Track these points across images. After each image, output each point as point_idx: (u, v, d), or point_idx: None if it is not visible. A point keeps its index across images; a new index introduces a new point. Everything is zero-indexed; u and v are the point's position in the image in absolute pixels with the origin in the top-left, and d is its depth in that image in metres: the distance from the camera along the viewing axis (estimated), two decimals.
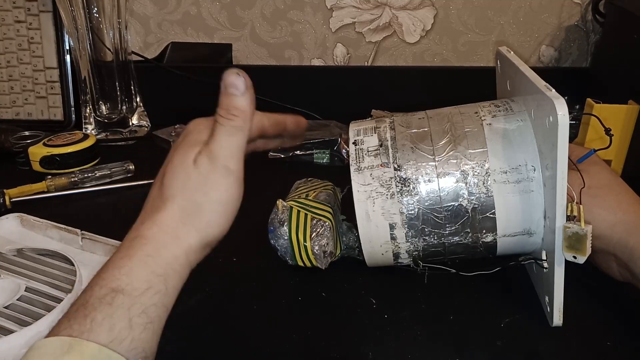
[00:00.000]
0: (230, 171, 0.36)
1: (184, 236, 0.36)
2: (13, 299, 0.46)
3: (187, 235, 0.36)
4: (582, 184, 0.42)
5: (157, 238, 0.35)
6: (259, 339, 0.44)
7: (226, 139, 0.36)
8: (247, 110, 0.37)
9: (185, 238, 0.36)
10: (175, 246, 0.35)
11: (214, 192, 0.36)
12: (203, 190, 0.36)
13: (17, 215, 0.58)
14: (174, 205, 0.36)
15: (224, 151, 0.36)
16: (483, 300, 0.48)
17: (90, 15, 0.78)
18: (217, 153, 0.36)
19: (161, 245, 0.35)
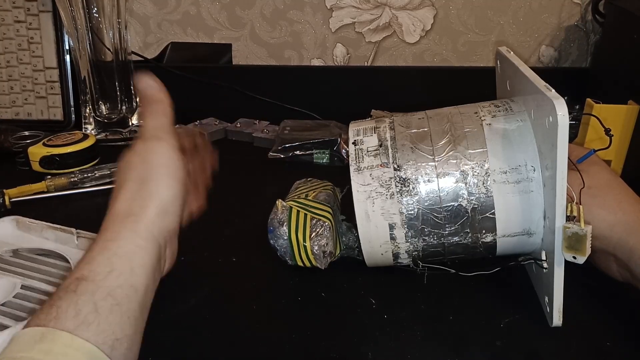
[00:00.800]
0: (161, 138, 0.39)
1: (137, 210, 0.37)
2: (9, 296, 0.46)
3: (140, 208, 0.37)
4: (581, 184, 0.42)
5: (114, 222, 0.37)
6: (259, 339, 0.44)
7: (150, 120, 0.41)
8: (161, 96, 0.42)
9: (140, 211, 0.37)
10: (132, 222, 0.36)
11: (152, 158, 0.39)
12: (143, 163, 0.39)
13: (12, 218, 0.58)
14: (123, 190, 0.38)
15: (151, 129, 0.40)
16: (483, 300, 0.48)
17: (90, 15, 0.78)
18: (145, 133, 0.40)
19: (118, 227, 0.36)
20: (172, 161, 0.39)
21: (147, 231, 0.36)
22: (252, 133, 0.85)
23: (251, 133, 0.85)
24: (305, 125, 0.84)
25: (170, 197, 0.38)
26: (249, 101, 0.92)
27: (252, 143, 0.85)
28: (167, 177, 0.38)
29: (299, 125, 0.84)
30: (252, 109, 0.91)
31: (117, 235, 0.36)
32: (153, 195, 0.37)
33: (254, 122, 0.89)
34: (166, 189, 0.38)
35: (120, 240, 0.35)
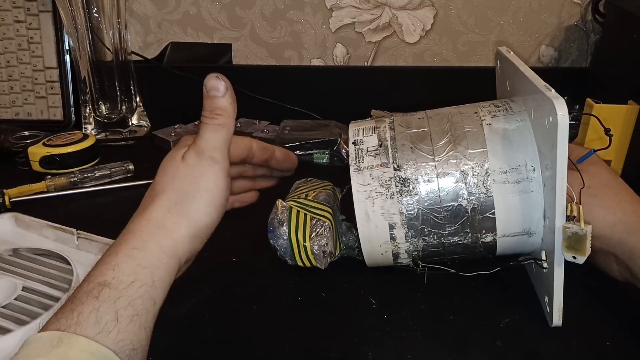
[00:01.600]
0: (216, 161, 0.38)
1: (171, 225, 0.36)
2: (10, 298, 0.46)
3: (174, 224, 0.36)
4: (581, 184, 0.42)
5: (143, 230, 0.36)
6: (259, 339, 0.44)
7: (211, 135, 0.38)
8: (228, 108, 0.39)
9: (172, 227, 0.36)
10: (162, 236, 0.36)
11: (201, 180, 0.37)
12: (190, 180, 0.37)
13: (11, 215, 0.58)
14: (162, 198, 0.37)
15: (209, 145, 0.38)
16: (483, 300, 0.48)
17: (90, 15, 0.78)
18: (203, 147, 0.38)
19: (147, 237, 0.36)
20: (219, 189, 0.38)
21: (174, 249, 0.36)
22: (252, 133, 0.85)
23: (251, 133, 0.85)
24: (305, 125, 0.84)
25: (206, 224, 0.38)
26: (249, 101, 0.92)
27: None
28: (209, 205, 0.37)
29: (299, 125, 0.84)
30: (252, 109, 0.91)
31: (144, 245, 0.35)
32: (190, 217, 0.37)
33: (254, 122, 0.89)
34: (204, 216, 0.37)
35: (147, 252, 0.35)
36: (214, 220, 0.38)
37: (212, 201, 0.38)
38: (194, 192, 0.37)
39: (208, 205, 0.37)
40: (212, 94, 0.39)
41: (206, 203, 0.37)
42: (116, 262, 0.34)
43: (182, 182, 0.37)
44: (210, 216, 0.38)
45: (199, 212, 0.37)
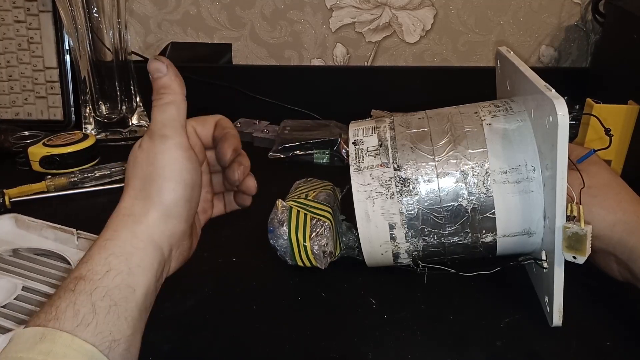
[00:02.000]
0: (168, 137, 0.37)
1: (139, 211, 0.36)
2: (10, 298, 0.46)
3: (141, 209, 0.36)
4: (582, 184, 0.42)
5: (114, 221, 0.36)
6: (259, 339, 0.44)
7: (159, 114, 0.38)
8: (172, 85, 0.39)
9: (141, 212, 0.36)
10: (132, 223, 0.36)
11: (156, 160, 0.37)
12: (147, 162, 0.37)
13: (11, 215, 0.58)
14: (128, 188, 0.37)
15: (158, 124, 0.38)
16: (483, 300, 0.48)
17: (90, 15, 0.78)
18: (153, 128, 0.38)
19: (118, 226, 0.36)
20: (177, 162, 0.37)
21: (146, 234, 0.36)
22: (252, 133, 0.85)
23: (251, 133, 0.85)
24: (305, 125, 0.84)
25: (174, 201, 0.37)
26: (249, 101, 0.92)
27: (252, 143, 0.85)
28: (171, 181, 0.37)
29: (299, 125, 0.84)
30: (252, 109, 0.91)
31: (116, 235, 0.35)
32: (154, 199, 0.37)
33: (254, 122, 0.89)
34: (169, 193, 0.37)
35: (119, 240, 0.35)
36: (181, 196, 0.37)
37: (172, 177, 0.37)
38: (152, 174, 0.37)
39: (169, 182, 0.37)
40: (155, 76, 0.39)
41: (167, 180, 0.37)
42: (90, 255, 0.34)
43: (141, 167, 0.37)
44: (175, 192, 0.37)
45: (161, 190, 0.37)
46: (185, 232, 0.39)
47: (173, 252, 0.39)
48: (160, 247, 0.37)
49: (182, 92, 0.39)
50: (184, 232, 0.39)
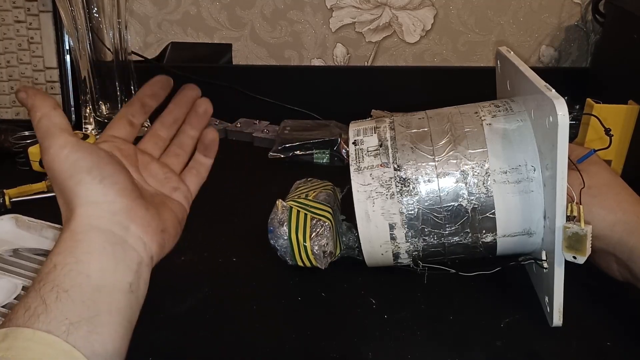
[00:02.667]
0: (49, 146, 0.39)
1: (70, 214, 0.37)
2: (10, 298, 0.46)
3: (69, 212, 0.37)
4: (582, 184, 0.42)
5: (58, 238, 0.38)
6: (259, 339, 0.44)
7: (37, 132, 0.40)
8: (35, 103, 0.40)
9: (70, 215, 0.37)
10: (68, 226, 0.37)
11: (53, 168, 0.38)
12: (51, 177, 0.39)
13: (11, 216, 0.58)
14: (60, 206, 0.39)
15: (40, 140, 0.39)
16: (483, 300, 0.48)
17: (90, 15, 0.78)
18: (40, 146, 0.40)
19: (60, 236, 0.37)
20: (67, 159, 0.38)
21: (83, 225, 0.36)
22: (252, 133, 0.85)
23: (251, 133, 0.85)
24: (305, 125, 0.84)
25: (86, 189, 0.37)
26: (249, 101, 0.92)
27: (252, 143, 0.85)
28: (72, 177, 0.37)
29: (299, 125, 0.84)
30: (252, 109, 0.91)
31: (58, 241, 0.36)
32: (72, 200, 0.37)
33: (254, 122, 0.89)
34: (77, 186, 0.37)
35: (60, 242, 0.36)
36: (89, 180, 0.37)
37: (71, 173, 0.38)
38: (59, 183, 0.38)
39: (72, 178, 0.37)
40: (23, 103, 0.40)
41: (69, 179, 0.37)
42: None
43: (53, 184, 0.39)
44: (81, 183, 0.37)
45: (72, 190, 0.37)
46: (129, 205, 0.38)
47: (132, 228, 0.38)
48: (105, 229, 0.37)
49: (48, 104, 0.40)
50: (129, 206, 0.38)
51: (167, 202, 0.43)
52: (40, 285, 0.33)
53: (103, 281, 0.35)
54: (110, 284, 0.35)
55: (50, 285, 0.33)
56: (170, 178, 0.46)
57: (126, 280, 0.36)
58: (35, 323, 0.31)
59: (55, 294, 0.33)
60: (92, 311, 0.33)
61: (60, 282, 0.33)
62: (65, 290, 0.33)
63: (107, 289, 0.35)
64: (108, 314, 0.34)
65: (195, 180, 0.47)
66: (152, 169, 0.45)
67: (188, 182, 0.47)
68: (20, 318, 0.32)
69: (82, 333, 0.32)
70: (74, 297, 0.33)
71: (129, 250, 0.37)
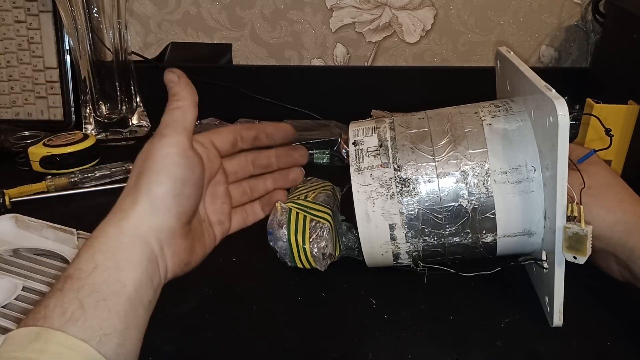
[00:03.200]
0: (164, 135, 0.39)
1: (128, 205, 0.37)
2: (10, 298, 0.46)
3: (130, 203, 0.37)
4: (582, 184, 0.42)
5: (104, 219, 0.37)
6: (259, 339, 0.44)
7: (165, 117, 0.40)
8: (181, 93, 0.41)
9: (129, 207, 0.37)
10: (119, 218, 0.36)
11: (151, 154, 0.38)
12: (144, 159, 0.38)
13: (12, 216, 0.58)
14: (126, 187, 0.38)
15: (162, 125, 0.39)
16: (483, 301, 0.48)
17: (90, 15, 0.78)
18: (158, 129, 0.39)
19: (106, 223, 0.36)
20: (169, 157, 0.38)
21: (132, 228, 0.36)
22: None
23: None
24: (305, 125, 0.84)
25: (160, 193, 0.37)
26: (249, 101, 0.92)
27: None
28: (160, 174, 0.37)
29: (299, 125, 0.84)
30: (252, 109, 0.91)
31: (102, 233, 0.36)
32: (142, 191, 0.37)
33: (254, 122, 0.89)
34: (156, 185, 0.37)
35: (105, 237, 0.35)
36: (169, 189, 0.37)
37: (162, 170, 0.37)
38: (144, 168, 0.38)
39: (158, 174, 0.37)
40: (169, 86, 0.41)
41: (155, 173, 0.37)
42: (78, 254, 0.35)
43: (138, 164, 0.38)
44: (162, 185, 0.37)
45: (149, 183, 0.37)
46: (175, 229, 0.38)
47: (165, 249, 0.38)
48: (147, 242, 0.37)
49: (191, 99, 0.41)
50: (175, 230, 0.38)
51: (205, 233, 0.43)
52: (79, 286, 0.33)
53: (135, 294, 0.35)
54: (138, 298, 0.35)
55: (90, 289, 0.33)
56: (224, 210, 0.46)
57: (148, 298, 0.36)
58: (72, 328, 0.31)
59: (94, 300, 0.32)
60: (123, 324, 0.33)
61: (99, 288, 0.33)
62: (104, 298, 0.33)
63: (136, 303, 0.35)
64: (134, 328, 0.34)
65: (240, 222, 0.48)
66: (217, 191, 0.45)
67: (234, 220, 0.47)
68: (56, 319, 0.31)
69: (112, 345, 0.32)
70: (111, 307, 0.33)
71: (156, 269, 0.37)
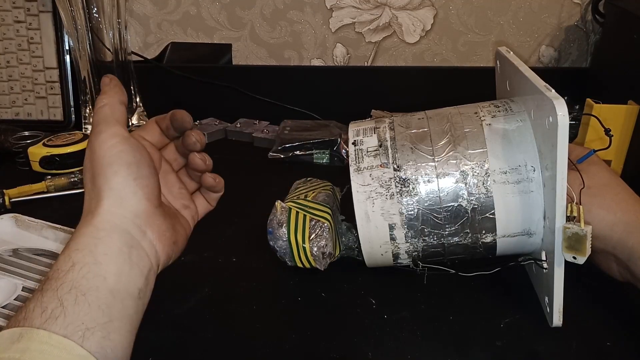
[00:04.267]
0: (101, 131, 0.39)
1: (95, 205, 0.38)
2: (10, 298, 0.46)
3: (96, 202, 0.37)
4: (581, 184, 0.42)
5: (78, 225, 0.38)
6: (259, 339, 0.44)
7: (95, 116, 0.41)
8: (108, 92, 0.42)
9: (96, 205, 0.37)
10: (91, 218, 0.37)
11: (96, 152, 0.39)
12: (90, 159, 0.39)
13: (11, 215, 0.58)
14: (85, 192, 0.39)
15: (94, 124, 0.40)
16: (483, 301, 0.48)
17: (90, 16, 0.78)
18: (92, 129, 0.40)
19: (80, 226, 0.37)
20: (114, 148, 0.38)
21: (106, 222, 0.37)
22: (252, 133, 0.85)
23: (251, 133, 0.85)
24: (305, 125, 0.84)
25: (120, 182, 0.38)
26: (249, 101, 0.92)
27: (252, 143, 0.85)
28: (111, 165, 0.38)
29: (299, 125, 0.84)
30: (252, 109, 0.91)
31: (77, 234, 0.36)
32: (103, 188, 0.37)
33: (254, 122, 0.89)
34: (113, 176, 0.38)
35: (80, 237, 0.36)
36: (126, 175, 0.38)
37: (112, 161, 0.38)
38: (95, 167, 0.38)
39: (110, 167, 0.38)
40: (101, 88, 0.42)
41: (107, 166, 0.38)
42: (57, 257, 0.35)
43: (87, 167, 0.39)
44: (118, 174, 0.38)
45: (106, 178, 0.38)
46: (150, 210, 0.39)
47: (148, 233, 0.38)
48: (125, 231, 0.37)
49: (117, 97, 0.41)
50: (150, 211, 0.39)
51: (178, 217, 0.44)
52: (58, 285, 0.33)
53: (117, 285, 0.35)
54: (123, 289, 0.35)
55: (68, 286, 0.33)
56: (184, 195, 0.46)
57: (137, 286, 0.36)
58: (52, 326, 0.31)
59: (73, 296, 0.33)
60: (107, 317, 0.33)
61: (78, 284, 0.33)
62: (83, 293, 0.33)
63: (121, 294, 0.35)
64: (120, 320, 0.34)
65: (204, 204, 0.48)
66: (169, 180, 0.46)
67: (198, 204, 0.47)
68: (36, 318, 0.31)
69: (96, 339, 0.32)
70: (91, 301, 0.33)
71: (142, 255, 0.37)
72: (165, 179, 0.45)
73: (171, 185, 0.46)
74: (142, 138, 0.45)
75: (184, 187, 0.47)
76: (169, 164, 0.47)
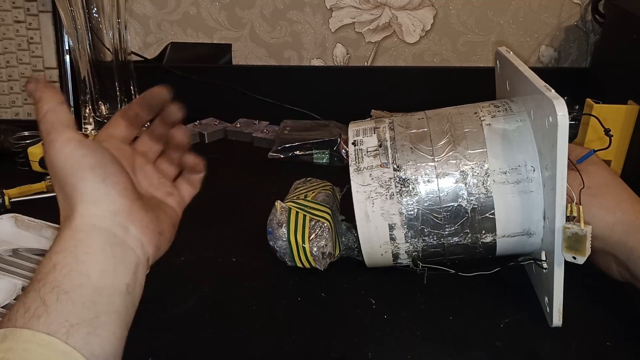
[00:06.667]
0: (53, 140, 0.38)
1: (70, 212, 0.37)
2: (10, 298, 0.46)
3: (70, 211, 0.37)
4: (581, 184, 0.42)
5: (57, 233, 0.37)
6: (259, 339, 0.44)
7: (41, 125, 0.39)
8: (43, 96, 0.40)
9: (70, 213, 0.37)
10: (68, 224, 0.37)
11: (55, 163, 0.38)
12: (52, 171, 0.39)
13: (11, 215, 0.58)
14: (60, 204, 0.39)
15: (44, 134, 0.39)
16: (483, 301, 0.48)
17: (90, 16, 0.78)
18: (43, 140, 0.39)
19: (59, 233, 0.37)
20: (72, 154, 0.38)
21: (85, 224, 0.36)
22: (252, 133, 0.85)
23: (251, 133, 0.85)
24: (305, 125, 0.84)
25: (90, 186, 0.37)
26: (249, 101, 0.92)
27: (252, 143, 0.85)
28: (75, 172, 0.37)
29: (299, 125, 0.84)
30: (252, 109, 0.91)
31: (57, 239, 0.36)
32: (73, 195, 0.37)
33: (254, 122, 0.89)
34: (80, 183, 0.37)
35: (60, 241, 0.36)
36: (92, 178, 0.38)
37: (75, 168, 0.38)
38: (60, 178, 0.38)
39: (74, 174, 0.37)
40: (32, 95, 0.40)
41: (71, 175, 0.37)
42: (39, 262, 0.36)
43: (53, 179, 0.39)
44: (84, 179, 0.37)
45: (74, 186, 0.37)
46: (128, 206, 0.38)
47: (131, 228, 0.38)
48: (106, 229, 0.37)
49: (55, 98, 0.40)
50: (129, 207, 0.38)
51: (162, 206, 0.43)
52: (40, 286, 0.33)
53: (102, 282, 0.35)
54: (109, 285, 0.35)
55: (50, 285, 0.33)
56: (165, 183, 0.46)
57: (124, 282, 0.36)
58: (35, 324, 0.31)
59: (55, 295, 0.33)
60: (92, 313, 0.33)
61: (60, 283, 0.33)
62: (66, 291, 0.33)
63: (107, 291, 0.35)
64: (107, 315, 0.34)
65: (188, 189, 0.47)
66: (147, 172, 0.45)
67: (181, 190, 0.47)
68: (19, 319, 0.32)
69: (81, 335, 0.32)
70: (74, 299, 0.33)
71: (127, 251, 0.37)
72: (143, 171, 0.45)
73: (150, 177, 0.45)
74: (110, 136, 0.44)
75: (163, 175, 0.46)
76: (144, 155, 0.46)
